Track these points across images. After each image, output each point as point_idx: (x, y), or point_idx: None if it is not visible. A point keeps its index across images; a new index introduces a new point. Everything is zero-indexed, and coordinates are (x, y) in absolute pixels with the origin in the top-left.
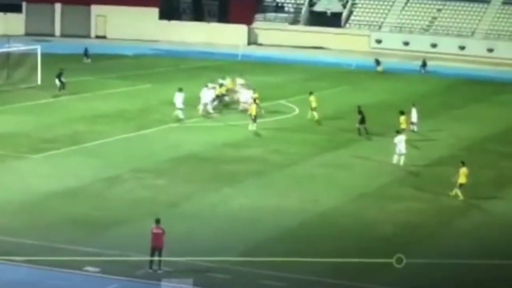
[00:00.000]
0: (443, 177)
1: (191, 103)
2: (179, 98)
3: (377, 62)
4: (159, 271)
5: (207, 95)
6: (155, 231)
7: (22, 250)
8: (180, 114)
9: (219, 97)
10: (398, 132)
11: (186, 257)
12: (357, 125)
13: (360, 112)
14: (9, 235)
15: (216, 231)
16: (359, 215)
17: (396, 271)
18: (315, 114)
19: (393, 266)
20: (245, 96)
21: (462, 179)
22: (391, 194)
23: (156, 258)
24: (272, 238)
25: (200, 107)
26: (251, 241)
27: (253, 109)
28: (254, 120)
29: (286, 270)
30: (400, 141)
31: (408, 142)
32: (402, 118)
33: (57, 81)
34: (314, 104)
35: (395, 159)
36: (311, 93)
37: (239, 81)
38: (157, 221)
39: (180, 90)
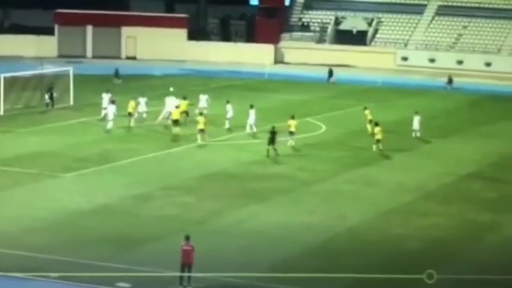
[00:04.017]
0: (470, 192)
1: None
2: (110, 109)
3: (330, 73)
4: (189, 287)
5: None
6: (185, 247)
7: (56, 266)
8: (110, 125)
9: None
10: None
11: (215, 273)
12: (266, 146)
13: (272, 132)
14: (43, 252)
15: (244, 247)
16: (386, 231)
17: (424, 287)
18: (369, 127)
19: (423, 282)
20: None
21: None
22: (417, 210)
23: (186, 274)
24: (299, 254)
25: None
26: (279, 257)
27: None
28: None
29: (314, 286)
30: None
31: (430, 157)
32: (377, 129)
33: (46, 97)
34: (370, 117)
35: None
36: (365, 108)
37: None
38: (187, 238)
39: (113, 102)
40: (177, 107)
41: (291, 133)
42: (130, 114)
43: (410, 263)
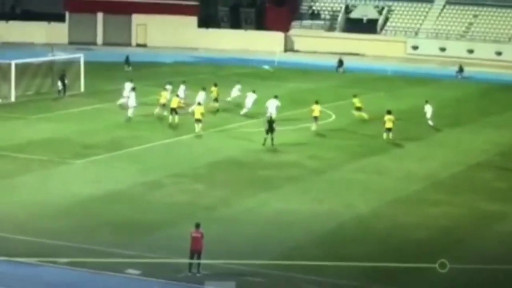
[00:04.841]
0: (480, 182)
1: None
2: (132, 96)
3: (340, 63)
4: (198, 274)
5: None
6: (194, 235)
7: (65, 252)
8: (132, 112)
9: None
10: None
11: (224, 260)
12: (265, 135)
13: (270, 121)
14: (52, 238)
15: (253, 235)
16: (395, 220)
17: (436, 276)
18: (363, 114)
19: (435, 271)
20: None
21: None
22: (426, 199)
23: (195, 261)
24: (308, 242)
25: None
26: (287, 245)
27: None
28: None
29: (322, 274)
30: None
31: (440, 146)
32: (388, 118)
33: (59, 84)
34: (358, 105)
35: None
36: (354, 96)
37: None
38: (197, 226)
39: (134, 89)
40: (177, 95)
41: (315, 118)
42: (164, 105)
43: (419, 251)
